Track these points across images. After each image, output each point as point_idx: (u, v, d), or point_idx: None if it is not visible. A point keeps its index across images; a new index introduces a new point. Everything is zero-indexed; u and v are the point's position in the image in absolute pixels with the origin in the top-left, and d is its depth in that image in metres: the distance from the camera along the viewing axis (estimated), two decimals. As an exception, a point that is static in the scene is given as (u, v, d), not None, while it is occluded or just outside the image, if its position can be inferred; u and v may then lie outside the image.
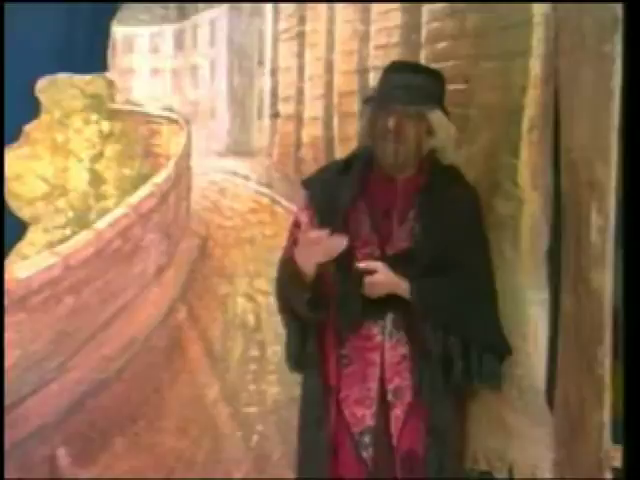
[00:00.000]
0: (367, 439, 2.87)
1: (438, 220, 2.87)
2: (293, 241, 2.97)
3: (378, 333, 2.89)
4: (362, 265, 2.86)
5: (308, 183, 3.08)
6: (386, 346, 2.89)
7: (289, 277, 2.89)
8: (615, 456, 2.50)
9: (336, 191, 2.91)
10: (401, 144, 2.87)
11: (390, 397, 2.87)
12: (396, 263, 2.86)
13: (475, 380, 2.89)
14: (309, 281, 2.84)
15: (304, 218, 2.86)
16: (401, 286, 2.85)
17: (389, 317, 2.89)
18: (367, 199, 2.91)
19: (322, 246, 2.76)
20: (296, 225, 2.99)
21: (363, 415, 2.88)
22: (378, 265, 2.86)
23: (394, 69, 2.98)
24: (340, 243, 2.75)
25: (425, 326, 2.84)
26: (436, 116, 2.89)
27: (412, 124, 2.87)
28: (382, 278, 2.85)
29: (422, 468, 2.84)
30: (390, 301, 2.88)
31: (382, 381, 2.88)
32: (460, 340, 2.85)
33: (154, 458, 3.91)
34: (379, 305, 2.88)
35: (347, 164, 3.01)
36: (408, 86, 2.87)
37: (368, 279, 2.85)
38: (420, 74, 2.93)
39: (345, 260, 2.84)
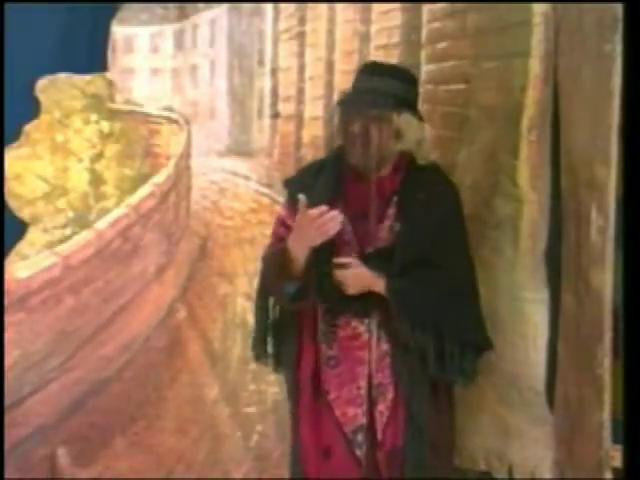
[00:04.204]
0: (360, 437, 2.88)
1: (415, 219, 2.87)
2: (278, 238, 2.99)
3: (364, 331, 2.90)
4: (336, 260, 2.86)
5: (289, 183, 3.09)
6: (372, 343, 2.89)
7: (276, 268, 2.89)
8: (615, 456, 2.50)
9: (313, 192, 2.90)
10: (366, 148, 2.86)
11: (374, 393, 2.88)
12: (376, 261, 2.86)
13: (451, 375, 2.86)
14: (299, 269, 2.84)
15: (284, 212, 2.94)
16: (377, 283, 2.84)
17: (374, 314, 2.89)
18: (343, 199, 2.90)
19: (318, 225, 2.76)
20: (280, 224, 3.01)
21: (355, 414, 2.88)
22: (351, 261, 2.86)
23: (366, 71, 2.97)
24: (336, 220, 2.76)
25: (401, 322, 2.84)
26: (403, 119, 2.87)
27: (377, 128, 2.86)
28: (355, 273, 2.85)
29: (402, 463, 2.85)
30: (374, 299, 2.87)
31: (369, 378, 2.89)
32: (435, 336, 2.83)
33: (154, 458, 3.91)
34: (364, 303, 2.88)
35: (325, 164, 3.02)
36: (374, 90, 2.86)
37: (341, 274, 2.85)
38: (389, 77, 2.90)
39: (326, 254, 2.84)
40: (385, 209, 2.91)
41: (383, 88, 2.87)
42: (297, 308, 2.93)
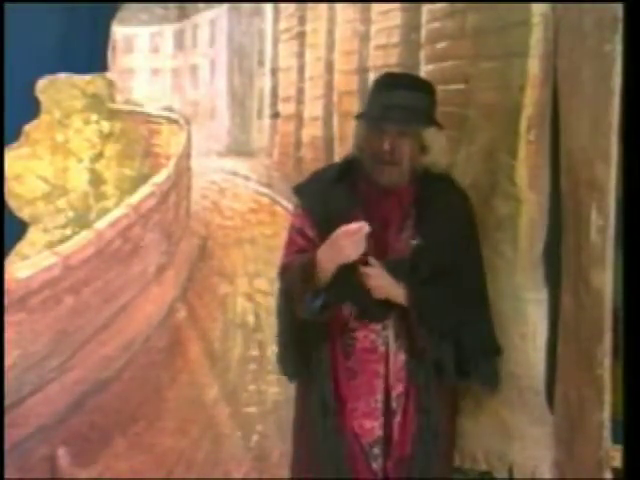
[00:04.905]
0: (377, 450, 2.88)
1: (434, 229, 2.87)
2: (296, 248, 2.97)
3: (381, 344, 2.90)
4: (362, 270, 2.85)
5: (300, 190, 3.06)
6: (390, 355, 2.89)
7: (303, 279, 2.85)
8: (615, 456, 2.50)
9: (332, 203, 2.90)
10: (396, 165, 2.86)
11: (394, 405, 2.88)
12: (395, 271, 2.86)
13: (473, 380, 2.91)
14: (325, 281, 2.83)
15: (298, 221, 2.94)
16: (398, 293, 2.85)
17: (391, 326, 2.90)
18: (363, 210, 2.89)
19: (354, 241, 2.74)
20: (298, 233, 2.99)
21: (372, 427, 2.88)
22: (375, 271, 2.85)
23: (387, 84, 2.94)
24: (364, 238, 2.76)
25: (421, 331, 2.84)
26: (431, 134, 2.88)
27: (407, 144, 2.86)
28: (379, 282, 2.85)
29: (410, 471, 2.86)
30: (392, 310, 2.88)
31: (386, 390, 2.89)
32: (454, 344, 2.86)
33: (154, 458, 3.91)
34: (382, 309, 2.88)
35: (340, 173, 2.99)
36: (403, 106, 2.85)
37: (366, 277, 2.85)
38: (413, 90, 2.89)
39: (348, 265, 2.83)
40: (404, 220, 2.91)
41: (410, 103, 2.85)
42: (323, 319, 2.90)
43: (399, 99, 2.87)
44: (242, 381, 3.86)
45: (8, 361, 3.73)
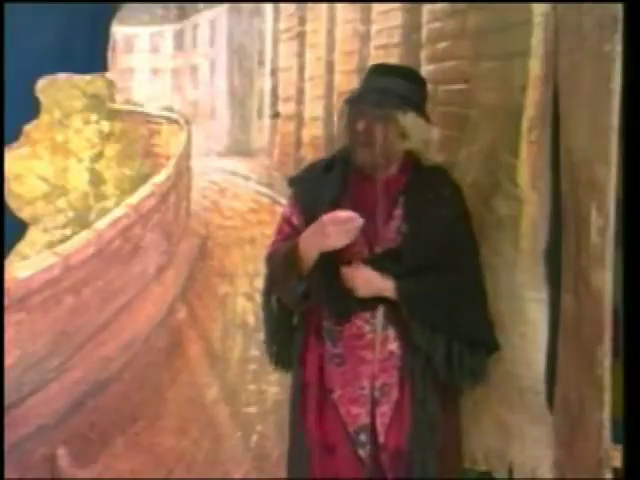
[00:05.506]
0: (363, 437, 2.87)
1: (424, 219, 2.87)
2: (282, 236, 2.99)
3: (369, 331, 2.90)
4: (343, 271, 2.86)
5: (294, 181, 3.09)
6: (376, 344, 2.89)
7: (285, 267, 2.88)
8: (615, 456, 2.50)
9: (319, 191, 2.91)
10: (370, 146, 2.86)
11: (377, 394, 2.88)
12: (384, 262, 2.86)
13: (457, 377, 2.89)
14: (307, 269, 2.84)
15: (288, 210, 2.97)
16: (386, 287, 2.85)
17: (380, 314, 2.90)
18: (350, 198, 2.90)
19: (344, 229, 2.75)
20: (285, 222, 3.01)
21: (358, 414, 2.88)
22: (357, 271, 2.86)
23: (374, 72, 2.98)
24: (357, 227, 2.76)
25: (412, 324, 2.84)
26: (408, 119, 2.87)
27: (381, 127, 2.85)
28: (364, 277, 2.86)
29: (408, 466, 2.85)
30: (381, 298, 2.88)
31: (373, 379, 2.89)
32: (446, 338, 2.85)
33: (154, 458, 3.91)
34: (370, 302, 2.88)
35: (330, 163, 3.01)
36: (381, 89, 2.86)
37: (350, 278, 2.86)
38: (397, 77, 2.90)
39: (332, 257, 2.84)
40: (392, 209, 2.91)
41: (389, 87, 2.86)
42: (304, 308, 2.92)
43: (379, 83, 2.90)
44: (242, 381, 3.86)
45: (8, 361, 3.73)
